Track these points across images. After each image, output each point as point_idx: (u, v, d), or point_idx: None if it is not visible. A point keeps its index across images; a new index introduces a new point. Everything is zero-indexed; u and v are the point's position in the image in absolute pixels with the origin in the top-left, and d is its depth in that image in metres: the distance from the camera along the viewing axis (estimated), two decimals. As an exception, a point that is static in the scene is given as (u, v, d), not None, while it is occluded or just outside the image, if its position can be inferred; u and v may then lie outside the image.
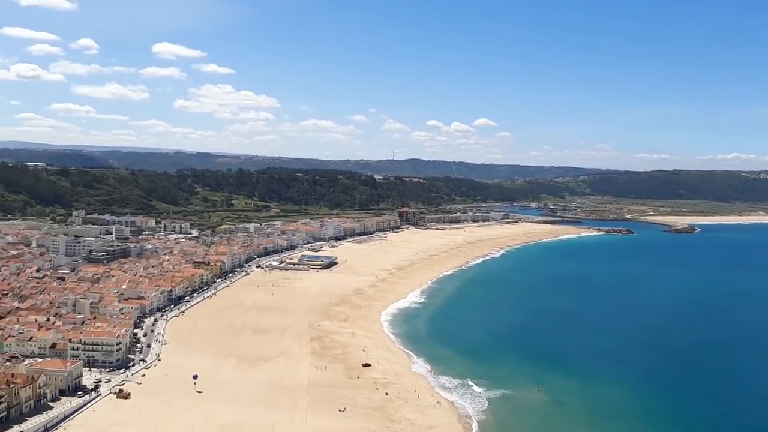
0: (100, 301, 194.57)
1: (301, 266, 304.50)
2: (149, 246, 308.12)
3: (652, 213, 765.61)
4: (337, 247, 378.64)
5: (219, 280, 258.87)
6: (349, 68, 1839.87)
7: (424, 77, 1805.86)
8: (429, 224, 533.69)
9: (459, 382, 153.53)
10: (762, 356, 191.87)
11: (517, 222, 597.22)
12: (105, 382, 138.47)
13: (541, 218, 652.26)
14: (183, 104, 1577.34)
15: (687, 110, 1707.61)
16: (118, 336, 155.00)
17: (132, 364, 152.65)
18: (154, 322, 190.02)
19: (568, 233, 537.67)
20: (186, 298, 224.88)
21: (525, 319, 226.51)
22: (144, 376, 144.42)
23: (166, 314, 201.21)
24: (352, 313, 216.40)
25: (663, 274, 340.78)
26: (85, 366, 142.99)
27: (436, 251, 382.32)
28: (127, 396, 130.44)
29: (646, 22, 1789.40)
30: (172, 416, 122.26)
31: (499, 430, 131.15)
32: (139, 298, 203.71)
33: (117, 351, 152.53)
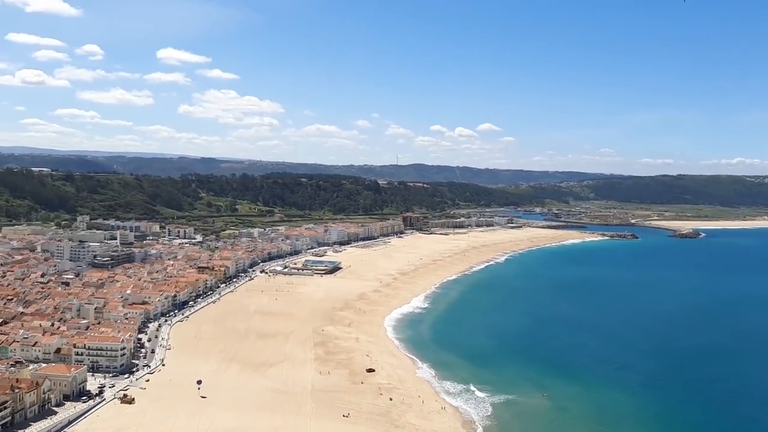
0: (104, 306, 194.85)
1: (305, 271, 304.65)
2: (153, 251, 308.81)
3: (656, 218, 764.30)
4: (341, 252, 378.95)
5: (223, 285, 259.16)
6: (352, 74, 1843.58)
7: (427, 82, 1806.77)
8: (433, 229, 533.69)
9: (463, 387, 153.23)
10: (765, 362, 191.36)
11: (521, 227, 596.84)
12: (109, 387, 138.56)
13: (545, 223, 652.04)
14: (187, 109, 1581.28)
15: (691, 115, 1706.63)
16: (123, 341, 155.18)
17: (136, 369, 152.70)
18: (158, 327, 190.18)
19: (572, 238, 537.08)
20: (190, 303, 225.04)
21: (529, 324, 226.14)
22: (148, 381, 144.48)
23: (170, 319, 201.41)
24: (356, 318, 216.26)
25: (667, 279, 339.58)
26: (89, 371, 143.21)
27: (440, 256, 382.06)
28: (132, 401, 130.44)
29: (650, 27, 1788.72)
30: (176, 421, 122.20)
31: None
32: (144, 303, 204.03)
33: (121, 356, 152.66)
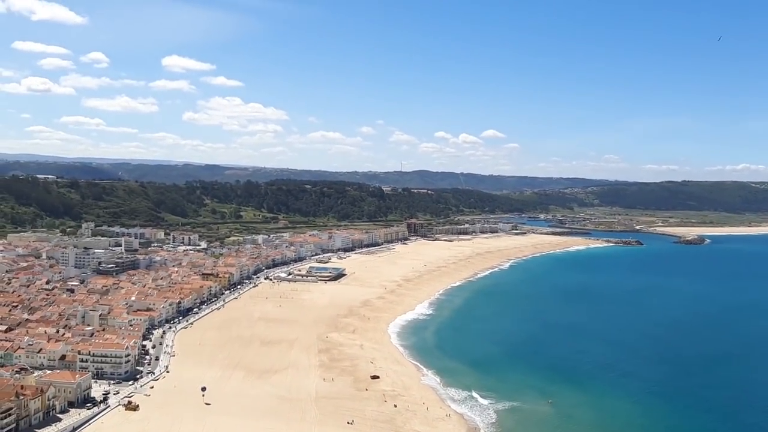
0: (109, 312, 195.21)
1: (309, 278, 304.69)
2: (158, 258, 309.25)
3: (661, 224, 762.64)
4: (345, 258, 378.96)
5: (227, 292, 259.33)
6: (357, 80, 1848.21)
7: (431, 89, 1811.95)
8: (437, 236, 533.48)
9: (468, 394, 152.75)
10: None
11: (525, 233, 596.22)
12: (114, 393, 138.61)
13: (549, 229, 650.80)
14: (192, 117, 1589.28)
15: (696, 121, 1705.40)
16: (127, 348, 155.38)
17: (141, 375, 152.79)
18: (162, 334, 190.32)
19: (577, 245, 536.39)
20: (194, 309, 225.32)
21: (533, 330, 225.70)
22: (153, 387, 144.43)
23: (174, 326, 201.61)
24: (361, 325, 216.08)
25: (672, 285, 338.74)
26: (94, 378, 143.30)
27: (444, 263, 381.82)
28: (136, 408, 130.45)
29: (655, 33, 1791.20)
30: (181, 428, 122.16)
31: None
32: (148, 309, 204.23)
33: (126, 363, 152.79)
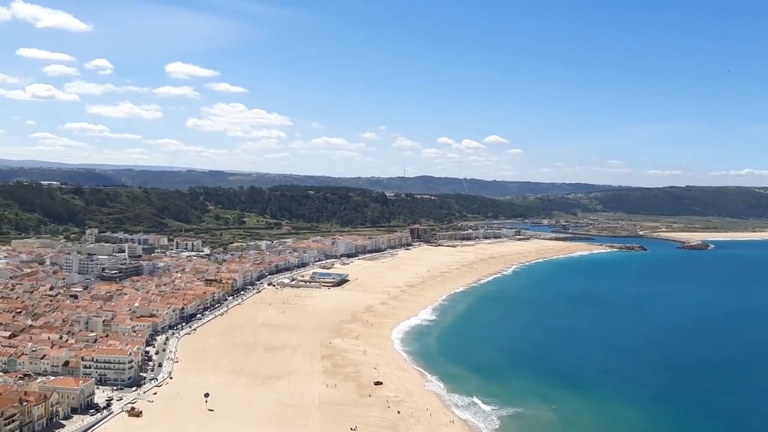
0: (112, 319, 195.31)
1: (312, 284, 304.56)
2: (161, 264, 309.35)
3: (665, 229, 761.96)
4: (348, 264, 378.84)
5: (231, 298, 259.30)
6: (359, 86, 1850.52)
7: (434, 95, 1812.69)
8: (440, 241, 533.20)
9: (471, 400, 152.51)
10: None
11: (528, 239, 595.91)
12: (117, 400, 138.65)
13: (553, 235, 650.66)
14: (195, 123, 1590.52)
15: (700, 126, 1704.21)
16: (130, 354, 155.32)
17: (144, 382, 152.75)
18: (166, 340, 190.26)
19: (580, 250, 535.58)
20: (198, 315, 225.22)
21: (537, 336, 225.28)
22: (156, 394, 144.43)
23: (177, 332, 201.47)
24: (364, 331, 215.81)
25: (676, 290, 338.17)
26: (97, 384, 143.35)
27: (447, 268, 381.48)
28: (139, 414, 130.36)
29: (659, 38, 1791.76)
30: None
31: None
32: (151, 315, 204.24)
33: (129, 369, 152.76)
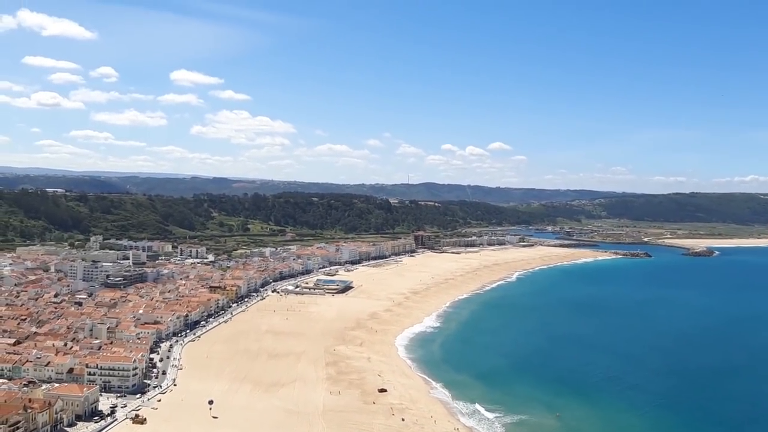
0: (116, 326, 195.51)
1: (316, 290, 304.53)
2: (166, 271, 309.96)
3: (669, 236, 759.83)
4: (352, 271, 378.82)
5: (235, 305, 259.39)
6: (363, 93, 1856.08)
7: (438, 102, 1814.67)
8: (444, 248, 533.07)
9: (475, 407, 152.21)
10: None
11: (532, 245, 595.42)
12: (121, 407, 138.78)
13: (557, 242, 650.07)
14: (200, 130, 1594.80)
15: (704, 132, 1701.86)
16: (135, 361, 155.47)
17: (148, 389, 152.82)
18: (170, 347, 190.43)
19: (585, 257, 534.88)
20: (202, 322, 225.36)
21: (541, 343, 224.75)
22: (160, 401, 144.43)
23: (182, 339, 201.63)
24: (368, 338, 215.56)
25: (680, 297, 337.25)
26: (101, 391, 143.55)
27: (451, 275, 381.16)
28: (143, 421, 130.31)
29: (663, 45, 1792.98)
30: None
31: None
32: (156, 323, 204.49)
33: (133, 376, 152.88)
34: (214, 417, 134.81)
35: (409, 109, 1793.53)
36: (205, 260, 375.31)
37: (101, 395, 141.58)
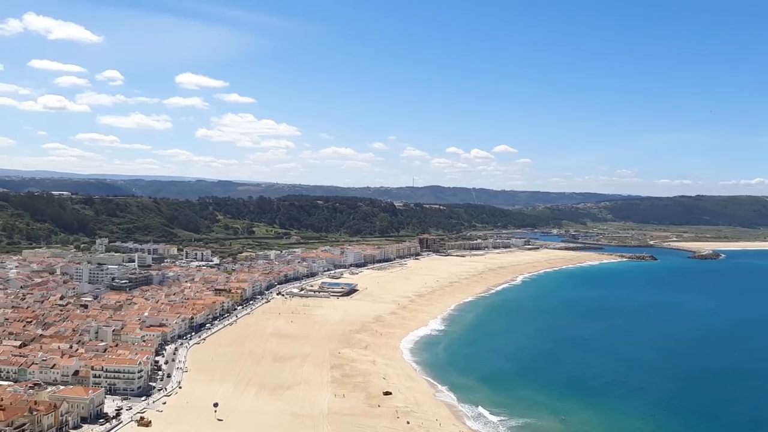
0: (122, 328, 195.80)
1: (321, 293, 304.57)
2: (171, 273, 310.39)
3: (675, 239, 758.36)
4: (357, 274, 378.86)
5: (240, 308, 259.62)
6: (368, 96, 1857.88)
7: (443, 104, 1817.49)
8: (449, 251, 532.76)
9: (480, 410, 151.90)
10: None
11: (538, 248, 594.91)
12: (126, 409, 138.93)
13: (562, 245, 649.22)
14: (205, 133, 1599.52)
15: (710, 135, 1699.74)
16: (140, 363, 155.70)
17: (153, 391, 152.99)
18: (175, 350, 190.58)
19: (590, 260, 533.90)
20: (207, 325, 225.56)
21: (546, 346, 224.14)
22: (165, 403, 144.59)
23: (187, 342, 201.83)
24: (373, 341, 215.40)
25: (686, 300, 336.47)
26: (107, 393, 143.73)
27: (456, 278, 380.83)
28: (148, 424, 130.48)
29: (668, 48, 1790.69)
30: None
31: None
32: (161, 325, 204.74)
33: (138, 378, 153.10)
34: (219, 419, 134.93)
35: (414, 112, 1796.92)
36: (211, 263, 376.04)
37: (106, 398, 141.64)
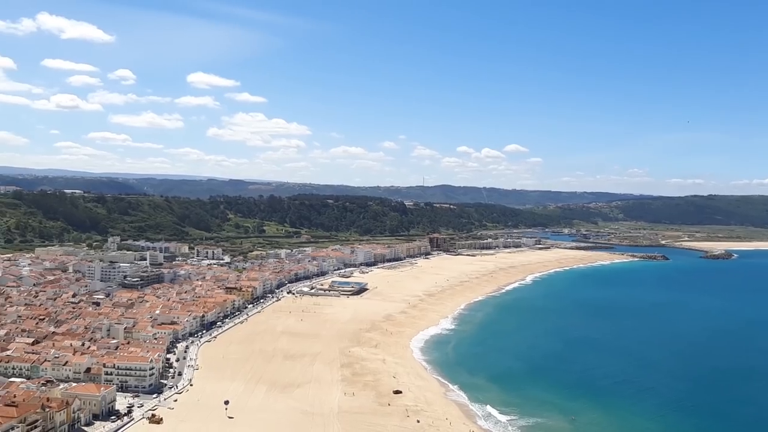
0: (134, 326, 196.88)
1: (331, 292, 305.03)
2: (182, 272, 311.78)
3: (687, 239, 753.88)
4: (367, 273, 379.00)
5: (250, 306, 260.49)
6: (378, 96, 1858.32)
7: (453, 104, 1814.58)
8: (460, 250, 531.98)
9: (491, 410, 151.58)
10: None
11: (549, 248, 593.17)
12: (138, 406, 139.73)
13: (573, 244, 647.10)
14: (216, 132, 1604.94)
15: (722, 135, 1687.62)
16: (151, 361, 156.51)
17: (164, 389, 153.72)
18: (186, 348, 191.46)
19: (601, 259, 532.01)
20: (218, 323, 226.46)
21: (556, 346, 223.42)
22: (176, 401, 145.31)
23: (198, 339, 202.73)
24: (383, 340, 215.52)
25: (698, 300, 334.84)
26: (118, 390, 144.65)
27: (467, 277, 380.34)
28: (160, 421, 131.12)
29: (680, 47, 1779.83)
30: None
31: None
32: (172, 323, 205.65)
33: (150, 376, 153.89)
34: (229, 417, 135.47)
35: (425, 112, 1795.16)
36: (221, 261, 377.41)
37: (118, 395, 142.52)
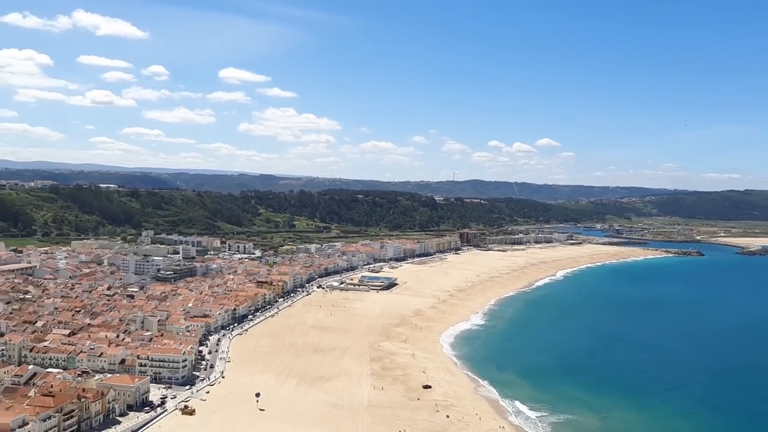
0: (167, 318, 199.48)
1: (361, 287, 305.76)
2: (214, 265, 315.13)
3: (723, 234, 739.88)
4: (397, 268, 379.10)
5: (281, 300, 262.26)
6: (409, 90, 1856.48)
7: (484, 97, 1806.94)
8: (490, 246, 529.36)
9: (521, 406, 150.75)
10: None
11: (581, 243, 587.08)
12: (171, 398, 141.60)
13: (606, 240, 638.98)
14: (247, 127, 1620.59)
15: (759, 128, 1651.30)
16: (184, 353, 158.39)
17: (197, 381, 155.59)
18: (218, 340, 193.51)
19: (634, 255, 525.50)
20: (249, 316, 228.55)
21: (587, 342, 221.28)
22: (208, 393, 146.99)
23: (230, 332, 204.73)
24: (413, 335, 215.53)
25: (733, 297, 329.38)
26: (152, 382, 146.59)
27: (497, 273, 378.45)
28: (192, 412, 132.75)
29: (714, 43, 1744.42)
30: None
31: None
32: (205, 316, 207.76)
33: (183, 368, 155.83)
34: (261, 409, 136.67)
35: (455, 106, 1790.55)
36: (252, 256, 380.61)
37: (151, 386, 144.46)
